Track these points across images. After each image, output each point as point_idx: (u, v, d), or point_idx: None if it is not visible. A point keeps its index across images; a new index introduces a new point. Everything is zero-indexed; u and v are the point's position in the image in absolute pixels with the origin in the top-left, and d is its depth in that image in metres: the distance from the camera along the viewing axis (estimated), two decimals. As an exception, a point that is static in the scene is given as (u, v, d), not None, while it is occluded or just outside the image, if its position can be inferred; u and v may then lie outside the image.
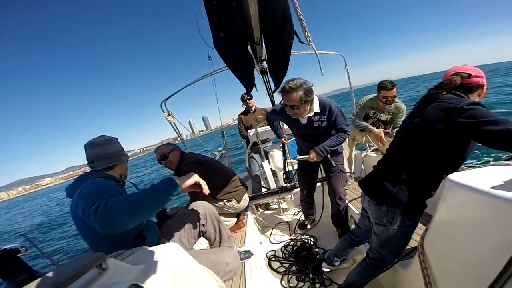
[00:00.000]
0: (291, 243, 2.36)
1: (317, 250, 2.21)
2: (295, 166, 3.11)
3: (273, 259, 2.20)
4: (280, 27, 1.22)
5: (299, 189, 2.51)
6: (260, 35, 1.35)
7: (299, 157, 2.08)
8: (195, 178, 1.24)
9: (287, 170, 2.99)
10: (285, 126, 2.49)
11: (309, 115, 1.89)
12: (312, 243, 2.31)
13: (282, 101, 1.87)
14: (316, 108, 1.88)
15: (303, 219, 2.64)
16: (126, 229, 0.98)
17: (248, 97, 3.77)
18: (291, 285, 1.88)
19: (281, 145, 2.91)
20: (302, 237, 2.45)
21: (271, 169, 3.50)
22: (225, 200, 2.35)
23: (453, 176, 0.89)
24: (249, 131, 3.68)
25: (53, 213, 18.02)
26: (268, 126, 2.55)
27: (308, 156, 1.98)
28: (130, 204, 1.00)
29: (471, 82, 1.11)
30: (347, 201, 2.24)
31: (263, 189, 3.20)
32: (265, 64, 1.82)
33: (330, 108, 1.88)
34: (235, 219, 2.46)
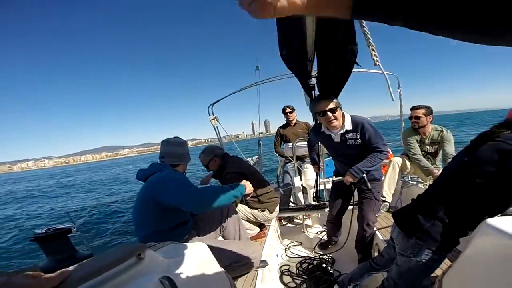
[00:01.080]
0: (308, 260, 2.32)
1: (332, 272, 2.13)
2: (327, 186, 3.07)
3: (286, 273, 2.17)
4: (341, 46, 1.25)
5: (327, 209, 2.46)
6: (314, 52, 1.41)
7: (334, 179, 2.07)
8: (252, 189, 1.73)
9: (318, 188, 2.95)
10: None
11: (341, 132, 1.88)
12: (329, 264, 2.24)
13: (317, 117, 1.92)
14: (348, 125, 1.87)
15: (326, 239, 2.58)
16: (208, 209, 1.57)
17: (289, 110, 3.81)
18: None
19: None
20: (321, 257, 2.38)
21: (302, 185, 3.49)
22: (259, 209, 2.42)
23: (492, 220, 0.85)
24: (285, 144, 3.72)
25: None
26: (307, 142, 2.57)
27: (343, 178, 1.95)
28: (216, 193, 1.47)
29: None
30: (375, 229, 2.12)
31: (291, 204, 3.20)
32: (313, 80, 1.94)
33: (363, 126, 1.85)
34: (258, 229, 2.49)
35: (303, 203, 3.06)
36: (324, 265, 2.21)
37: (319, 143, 2.51)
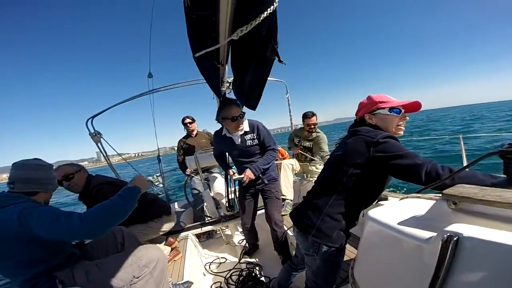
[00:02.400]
0: (236, 272, 2.23)
1: (263, 278, 2.11)
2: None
3: None
4: (263, 44, 1.15)
5: None
6: (227, 55, 1.32)
7: (234, 177, 2.07)
8: (145, 181, 1.46)
9: (230, 198, 2.90)
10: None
11: (240, 133, 1.99)
12: (258, 271, 2.22)
13: (226, 122, 1.92)
14: (246, 127, 1.99)
15: (248, 246, 2.55)
16: (104, 234, 1.18)
17: (189, 121, 3.58)
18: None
19: (223, 172, 2.87)
20: (248, 266, 2.33)
21: (213, 197, 3.34)
22: (154, 220, 2.19)
23: (371, 212, 0.91)
24: (187, 157, 3.45)
25: None
26: (210, 152, 2.51)
27: (242, 176, 2.02)
28: (105, 212, 1.18)
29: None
30: (285, 228, 2.24)
31: (207, 218, 3.01)
32: (225, 87, 1.91)
33: (258, 127, 2.03)
34: (168, 248, 2.21)
35: (218, 215, 2.94)
36: (253, 274, 2.17)
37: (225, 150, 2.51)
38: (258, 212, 2.40)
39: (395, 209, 0.79)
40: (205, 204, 3.30)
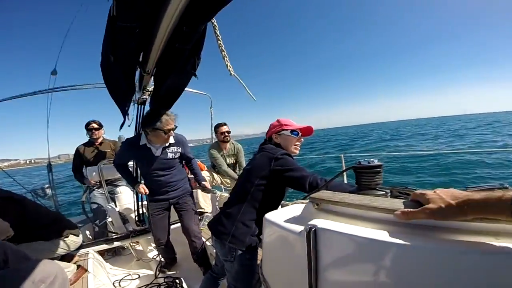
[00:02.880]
0: (154, 287, 2.13)
1: None
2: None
3: None
4: (186, 59, 1.25)
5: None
6: (154, 66, 1.34)
7: (208, 187, 2.17)
8: None
9: (140, 212, 2.70)
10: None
11: (165, 145, 1.95)
12: (178, 285, 2.14)
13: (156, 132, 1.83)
14: (172, 139, 1.97)
15: (164, 261, 2.45)
16: None
17: (96, 126, 3.14)
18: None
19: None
20: (166, 280, 2.22)
21: (119, 212, 3.00)
22: (60, 238, 1.92)
23: (267, 215, 1.03)
24: (88, 168, 2.99)
25: None
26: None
27: (205, 186, 2.12)
28: None
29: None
30: (203, 239, 2.27)
31: (112, 234, 2.69)
32: (146, 95, 1.85)
33: (183, 141, 2.06)
34: (73, 266, 1.95)
35: (125, 231, 2.68)
36: (173, 287, 2.10)
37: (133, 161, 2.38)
38: (172, 226, 2.36)
39: (285, 212, 0.97)
40: (108, 219, 2.98)
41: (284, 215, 0.93)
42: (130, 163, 2.61)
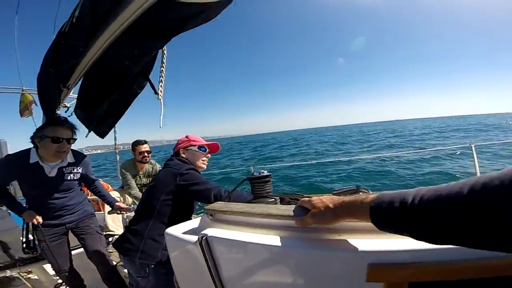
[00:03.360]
0: None
1: None
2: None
3: None
4: (134, 80, 1.34)
5: None
6: (76, 81, 1.41)
7: (124, 206, 1.97)
8: None
9: (28, 239, 2.26)
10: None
11: (62, 165, 1.71)
12: None
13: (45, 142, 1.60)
14: (70, 158, 1.76)
15: None
16: None
17: None
18: None
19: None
20: None
21: None
22: None
23: (168, 229, 1.05)
24: None
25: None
26: None
27: (120, 207, 1.93)
28: None
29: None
30: (114, 262, 2.08)
31: None
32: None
33: (85, 161, 1.87)
34: None
35: (9, 259, 2.21)
36: None
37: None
38: (74, 252, 2.07)
39: (184, 226, 1.02)
40: None
41: (182, 228, 0.98)
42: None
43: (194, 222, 1.03)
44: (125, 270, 2.09)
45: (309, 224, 0.64)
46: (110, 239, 2.54)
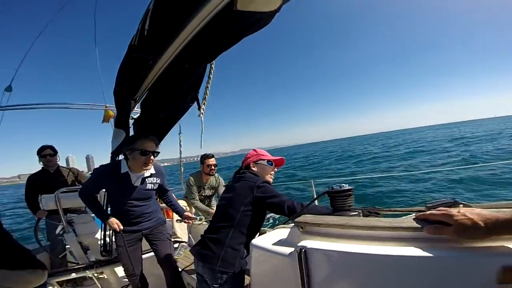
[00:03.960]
0: None
1: None
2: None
3: None
4: (186, 93, 1.36)
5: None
6: (142, 94, 1.46)
7: (191, 216, 2.09)
8: None
9: (107, 242, 2.51)
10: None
11: (145, 175, 1.89)
12: None
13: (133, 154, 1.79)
14: (153, 170, 1.93)
15: None
16: None
17: (51, 152, 2.92)
18: None
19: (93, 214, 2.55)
20: None
21: (79, 242, 2.76)
22: (27, 270, 1.64)
23: (254, 240, 1.09)
24: (44, 196, 2.73)
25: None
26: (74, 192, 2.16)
27: (189, 216, 2.07)
28: None
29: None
30: (180, 269, 2.21)
31: (73, 265, 2.53)
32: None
33: (162, 171, 2.03)
34: None
35: (87, 261, 2.47)
36: None
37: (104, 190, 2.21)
38: (144, 256, 2.23)
39: (270, 237, 1.06)
40: (69, 249, 2.76)
41: (270, 240, 1.01)
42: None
43: (279, 234, 1.06)
44: (189, 278, 2.19)
45: (444, 234, 0.63)
46: (176, 245, 2.70)
